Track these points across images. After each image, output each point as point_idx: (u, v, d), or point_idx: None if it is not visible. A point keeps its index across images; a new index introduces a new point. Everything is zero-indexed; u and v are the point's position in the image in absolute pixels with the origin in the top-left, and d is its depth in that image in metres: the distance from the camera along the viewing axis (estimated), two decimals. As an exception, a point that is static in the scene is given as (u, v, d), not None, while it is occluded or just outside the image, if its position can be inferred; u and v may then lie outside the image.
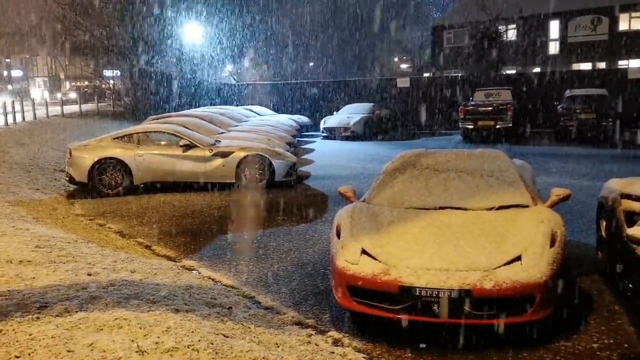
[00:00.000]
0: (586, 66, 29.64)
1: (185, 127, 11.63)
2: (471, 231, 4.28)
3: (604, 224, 5.31)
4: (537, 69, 30.33)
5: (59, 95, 38.78)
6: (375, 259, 4.09)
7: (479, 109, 17.59)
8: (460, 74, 26.83)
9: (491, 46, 26.44)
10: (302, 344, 3.79)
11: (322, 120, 20.97)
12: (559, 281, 4.00)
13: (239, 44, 32.22)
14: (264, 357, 3.24)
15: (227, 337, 3.51)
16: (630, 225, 4.55)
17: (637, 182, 4.99)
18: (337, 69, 53.94)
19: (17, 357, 2.90)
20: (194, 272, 5.79)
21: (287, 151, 12.10)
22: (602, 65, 29.96)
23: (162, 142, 10.58)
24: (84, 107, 25.82)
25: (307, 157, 14.96)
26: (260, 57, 40.95)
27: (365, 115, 20.49)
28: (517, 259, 3.92)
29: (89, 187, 10.11)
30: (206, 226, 7.73)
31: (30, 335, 3.14)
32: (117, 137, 10.57)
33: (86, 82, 42.84)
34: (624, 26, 30.33)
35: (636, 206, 4.69)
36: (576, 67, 30.04)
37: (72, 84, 49.63)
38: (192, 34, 28.72)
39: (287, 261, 6.02)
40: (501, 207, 4.76)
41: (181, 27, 27.72)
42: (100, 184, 10.13)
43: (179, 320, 3.64)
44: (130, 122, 21.02)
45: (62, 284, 4.26)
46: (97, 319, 3.47)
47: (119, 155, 10.19)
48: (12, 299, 3.77)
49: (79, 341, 3.07)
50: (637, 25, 29.94)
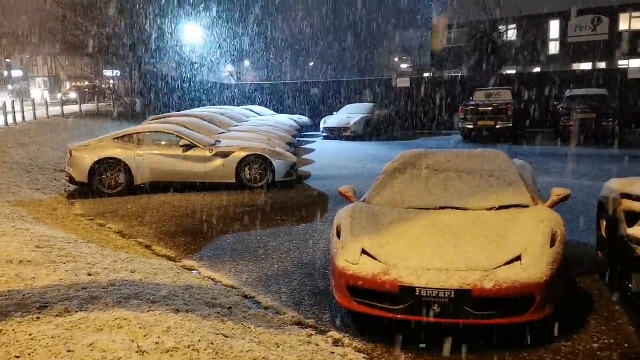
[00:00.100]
0: (586, 66, 29.64)
1: (185, 127, 11.64)
2: (471, 231, 4.28)
3: (604, 224, 5.31)
4: (537, 69, 30.34)
5: (59, 95, 38.82)
6: (375, 259, 4.09)
7: (479, 109, 17.58)
8: (460, 74, 26.83)
9: (491, 46, 26.44)
10: (303, 344, 3.79)
11: (322, 120, 20.97)
12: (559, 281, 4.00)
13: (240, 44, 32.22)
14: (264, 357, 3.24)
15: (227, 337, 3.51)
16: (630, 225, 4.55)
17: (638, 182, 4.99)
18: (337, 71, 53.93)
19: (17, 357, 2.90)
20: (194, 272, 5.79)
21: (288, 151, 12.10)
22: (602, 65, 29.96)
23: (163, 143, 10.58)
24: (84, 107, 25.83)
25: (307, 157, 14.97)
26: (260, 59, 40.96)
27: (365, 115, 20.49)
28: (517, 259, 3.92)
29: (90, 187, 10.13)
30: (206, 226, 7.73)
31: (30, 335, 3.14)
32: (117, 137, 10.57)
33: (86, 83, 42.82)
34: (624, 26, 30.33)
35: (636, 206, 4.68)
36: (576, 67, 30.04)
37: (73, 84, 49.60)
38: (192, 35, 28.74)
39: (288, 261, 6.02)
40: (501, 207, 4.76)
41: (181, 28, 27.73)
42: (100, 184, 10.14)
43: (179, 320, 3.64)
44: (130, 122, 21.02)
45: (63, 284, 4.26)
46: (97, 319, 3.47)
47: (119, 155, 10.20)
48: (12, 299, 3.78)
49: (79, 341, 3.07)
50: (637, 25, 29.93)
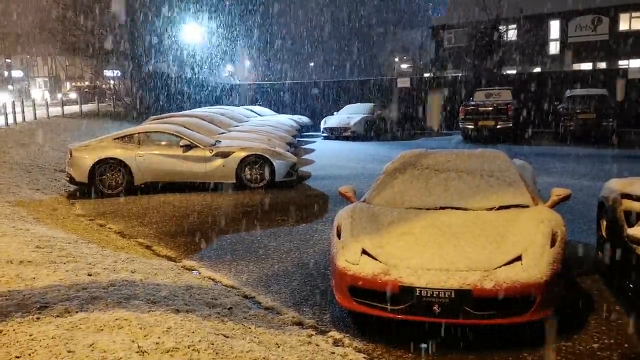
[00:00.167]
0: (586, 66, 29.63)
1: (185, 128, 11.64)
2: (471, 231, 4.28)
3: (604, 224, 5.31)
4: (537, 69, 30.33)
5: (60, 95, 38.80)
6: (375, 259, 4.09)
7: (480, 109, 17.59)
8: (460, 74, 26.82)
9: (491, 46, 26.42)
10: (303, 344, 3.79)
11: (323, 120, 20.97)
12: (560, 281, 4.00)
13: (240, 45, 32.21)
14: (264, 358, 3.24)
15: (227, 337, 3.52)
16: (630, 225, 4.55)
17: (638, 182, 4.99)
18: (337, 72, 53.91)
19: (17, 357, 2.90)
20: (195, 272, 5.79)
21: (288, 151, 12.11)
22: (602, 65, 29.95)
23: (163, 143, 10.58)
24: (85, 107, 25.83)
25: (307, 157, 14.97)
26: (259, 60, 40.98)
27: (365, 115, 20.49)
28: (518, 259, 3.92)
29: (90, 187, 10.12)
30: (206, 226, 7.73)
31: (30, 335, 3.14)
32: (117, 138, 10.57)
33: (86, 83, 42.86)
34: (624, 26, 30.32)
35: (636, 206, 4.69)
36: (576, 67, 30.03)
37: (73, 84, 49.61)
38: (192, 35, 28.73)
39: (288, 261, 6.02)
40: (501, 207, 4.76)
41: (182, 28, 27.72)
42: (100, 184, 10.14)
43: (180, 320, 3.64)
44: (130, 122, 21.03)
45: (63, 284, 4.26)
46: (97, 319, 3.47)
47: (119, 155, 10.20)
48: (12, 300, 3.78)
49: (80, 341, 3.07)
50: (637, 25, 29.92)
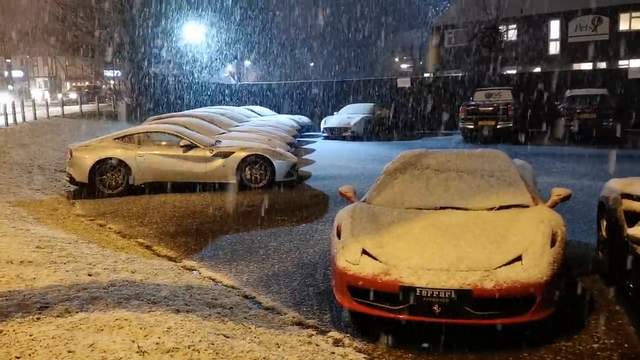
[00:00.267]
0: (587, 66, 29.64)
1: (185, 128, 11.64)
2: (472, 231, 4.28)
3: (604, 224, 5.31)
4: (537, 69, 30.33)
5: (60, 95, 38.81)
6: (375, 259, 4.08)
7: (480, 109, 17.58)
8: (460, 74, 26.82)
9: (491, 46, 26.44)
10: (303, 344, 3.79)
11: (323, 120, 20.97)
12: (560, 281, 4.00)
13: (240, 45, 32.22)
14: (264, 358, 3.24)
15: (227, 337, 3.52)
16: (630, 225, 4.55)
17: (638, 182, 4.99)
18: (337, 71, 53.91)
19: (17, 357, 2.90)
20: (195, 272, 5.79)
21: (288, 151, 12.10)
22: (602, 65, 29.95)
23: (163, 143, 10.58)
24: (85, 107, 25.85)
25: (307, 157, 14.96)
26: (260, 59, 40.97)
27: (365, 115, 20.49)
28: (518, 259, 3.92)
29: (90, 187, 10.12)
30: (207, 226, 7.73)
31: (30, 335, 3.15)
32: (117, 138, 10.57)
33: (87, 83, 42.87)
34: (624, 26, 30.33)
35: (637, 206, 4.68)
36: (577, 67, 30.03)
37: (73, 84, 49.63)
38: (192, 35, 28.73)
39: (288, 261, 6.02)
40: (502, 207, 4.76)
41: (182, 28, 27.73)
42: (100, 184, 10.14)
43: (180, 320, 3.64)
44: (130, 122, 21.03)
45: (63, 284, 4.26)
46: (97, 319, 3.47)
47: (119, 155, 10.20)
48: (12, 300, 3.78)
49: (80, 342, 3.07)
50: (637, 25, 29.93)
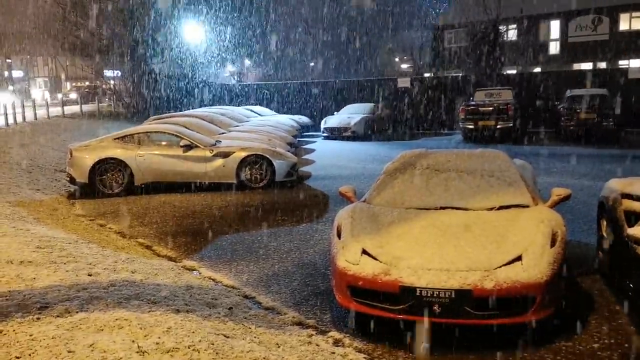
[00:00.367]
0: (587, 66, 29.63)
1: (185, 128, 11.65)
2: (472, 231, 4.28)
3: (604, 224, 5.31)
4: (537, 69, 30.33)
5: (60, 95, 38.79)
6: (375, 259, 4.08)
7: (480, 109, 17.57)
8: (460, 74, 26.82)
9: (491, 46, 26.44)
10: (303, 344, 3.79)
11: (323, 120, 20.96)
12: (560, 281, 4.00)
13: (240, 45, 32.21)
14: (264, 358, 3.24)
15: (227, 337, 3.52)
16: (630, 225, 4.55)
17: (638, 182, 4.98)
18: (337, 71, 53.89)
19: (17, 357, 2.90)
20: (195, 272, 5.79)
21: (288, 151, 12.10)
22: (602, 65, 29.94)
23: (163, 143, 10.58)
24: (85, 107, 25.85)
25: (307, 157, 14.96)
26: (260, 59, 40.94)
27: (365, 115, 20.48)
28: (518, 259, 3.92)
29: (90, 187, 10.13)
30: (207, 226, 7.73)
31: (30, 335, 3.15)
32: (117, 138, 10.57)
33: (87, 83, 42.87)
34: (624, 26, 30.31)
35: (637, 206, 4.68)
36: (577, 67, 30.02)
37: (73, 84, 49.61)
38: (192, 35, 28.73)
39: (288, 261, 6.02)
40: (502, 207, 4.75)
41: (182, 28, 27.73)
42: (101, 184, 10.14)
43: (180, 320, 3.64)
44: (130, 122, 21.03)
45: (63, 284, 4.26)
46: (97, 319, 3.47)
47: (119, 155, 10.20)
48: (12, 300, 3.78)
49: (80, 342, 3.07)
50: (637, 25, 29.92)
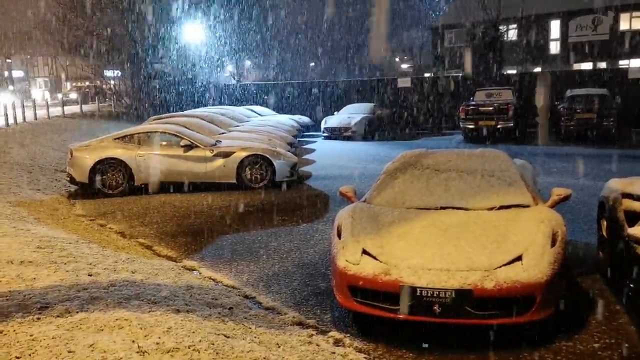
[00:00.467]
0: (587, 66, 29.62)
1: (186, 128, 11.64)
2: (472, 231, 4.28)
3: (605, 224, 5.31)
4: (537, 69, 30.32)
5: (60, 95, 38.80)
6: (376, 259, 4.08)
7: (480, 108, 17.57)
8: (461, 74, 26.80)
9: (492, 46, 26.42)
10: (303, 344, 3.79)
11: (323, 120, 20.95)
12: (560, 281, 4.00)
13: (240, 45, 32.21)
14: (265, 358, 3.24)
15: (228, 337, 3.52)
16: (631, 224, 4.55)
17: (638, 182, 4.98)
18: (337, 71, 53.93)
19: (17, 357, 2.90)
20: (195, 272, 5.79)
21: (288, 151, 12.10)
22: (602, 65, 29.93)
23: (163, 143, 10.57)
24: (85, 107, 25.88)
25: (308, 157, 14.96)
26: (260, 59, 40.94)
27: (366, 115, 20.48)
28: (518, 259, 3.92)
29: (90, 187, 10.13)
30: (207, 226, 7.73)
31: (31, 335, 3.15)
32: (118, 138, 10.57)
33: (87, 83, 42.88)
34: (624, 26, 30.31)
35: (637, 206, 4.68)
36: (577, 66, 30.01)
37: (73, 84, 49.63)
38: (192, 35, 28.74)
39: (288, 261, 6.02)
40: (502, 207, 4.75)
41: (182, 28, 27.74)
42: (101, 184, 10.14)
43: (180, 320, 3.64)
44: (130, 122, 21.03)
45: (63, 284, 4.26)
46: (97, 319, 3.47)
47: (120, 155, 10.20)
48: (13, 300, 3.78)
49: (80, 342, 3.07)
50: (638, 25, 29.91)
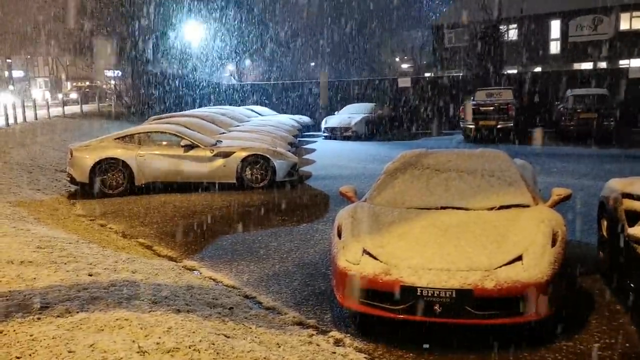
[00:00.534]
0: (587, 66, 29.60)
1: (186, 128, 11.64)
2: (472, 231, 4.28)
3: (605, 224, 5.30)
4: (538, 69, 30.31)
5: (60, 95, 38.80)
6: (376, 259, 4.08)
7: (480, 108, 17.57)
8: (461, 74, 26.80)
9: (492, 46, 26.41)
10: (304, 344, 3.79)
11: (324, 120, 20.96)
12: (561, 281, 4.00)
13: (240, 45, 32.21)
14: (265, 358, 3.24)
15: (228, 337, 3.52)
16: (631, 224, 4.54)
17: (638, 182, 4.98)
18: (338, 71, 53.91)
19: (18, 357, 2.90)
20: (195, 272, 5.79)
21: (289, 151, 12.10)
22: (603, 64, 29.91)
23: (164, 143, 10.58)
24: (85, 107, 25.87)
25: (308, 157, 14.96)
26: (260, 59, 40.92)
27: (366, 115, 20.49)
28: (518, 258, 3.92)
29: (90, 187, 10.12)
30: (207, 226, 7.73)
31: (31, 335, 3.15)
32: (118, 138, 10.57)
33: (87, 83, 42.89)
34: (625, 26, 30.29)
35: (637, 205, 4.68)
36: (577, 66, 30.00)
37: (73, 84, 49.62)
38: (193, 35, 28.74)
39: (289, 261, 6.02)
40: (502, 207, 4.75)
41: (182, 28, 27.73)
42: (101, 184, 10.14)
43: (180, 320, 3.64)
44: (131, 122, 21.04)
45: (63, 284, 4.26)
46: (98, 319, 3.47)
47: (120, 155, 10.20)
48: (13, 300, 3.78)
49: (80, 342, 3.07)
50: (638, 24, 29.90)
